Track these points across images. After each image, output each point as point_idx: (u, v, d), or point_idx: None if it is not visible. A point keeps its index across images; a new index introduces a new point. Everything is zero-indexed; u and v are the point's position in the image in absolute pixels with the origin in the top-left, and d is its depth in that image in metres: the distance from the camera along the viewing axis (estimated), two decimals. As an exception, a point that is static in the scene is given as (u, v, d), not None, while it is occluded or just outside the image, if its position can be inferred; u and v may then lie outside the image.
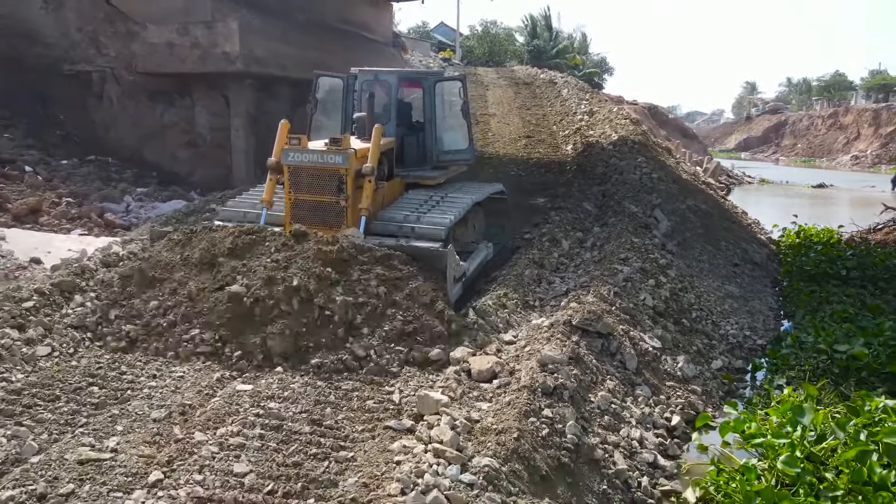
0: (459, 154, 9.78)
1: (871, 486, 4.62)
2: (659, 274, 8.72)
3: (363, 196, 7.69)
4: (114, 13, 13.00)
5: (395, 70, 10.02)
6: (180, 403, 5.15)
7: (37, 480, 4.06)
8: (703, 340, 7.92)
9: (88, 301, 6.70)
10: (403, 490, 3.92)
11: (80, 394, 5.24)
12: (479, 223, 9.58)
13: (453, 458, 4.30)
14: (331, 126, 9.49)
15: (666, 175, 14.54)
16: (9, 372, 5.40)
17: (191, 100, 13.48)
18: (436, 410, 4.98)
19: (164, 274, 6.71)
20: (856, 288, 10.55)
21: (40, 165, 10.95)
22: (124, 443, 4.55)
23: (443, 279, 6.99)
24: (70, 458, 4.30)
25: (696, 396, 6.59)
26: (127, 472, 4.21)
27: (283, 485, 4.17)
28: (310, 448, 4.60)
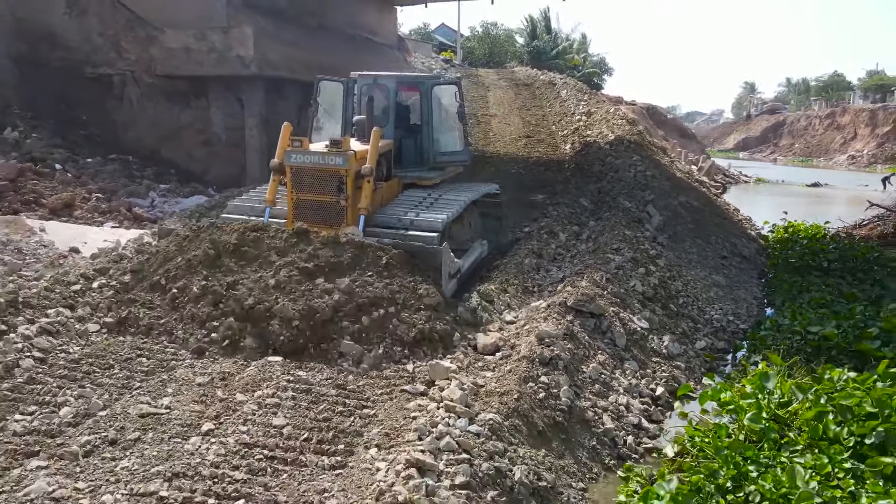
0: (455, 155, 10.08)
1: (826, 441, 5.29)
2: (649, 263, 9.40)
3: (362, 196, 7.97)
4: (134, 19, 13.67)
5: (394, 74, 10.41)
6: (220, 371, 5.83)
7: (107, 429, 4.75)
8: (689, 323, 8.61)
9: (105, 289, 7.12)
10: (420, 437, 4.60)
11: (131, 363, 5.92)
12: (474, 222, 9.83)
13: (462, 412, 4.99)
14: (331, 128, 9.76)
15: (660, 173, 15.21)
16: (66, 345, 6.08)
17: (206, 101, 14.14)
18: (446, 376, 5.68)
19: (171, 268, 7.06)
20: (836, 278, 11.20)
21: (69, 163, 11.63)
22: (176, 402, 5.24)
23: (438, 275, 7.29)
24: (132, 412, 5.00)
25: (679, 371, 7.27)
26: (182, 423, 4.90)
27: (317, 434, 4.86)
28: (336, 407, 5.29)
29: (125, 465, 4.29)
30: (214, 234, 7.36)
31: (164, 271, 7.11)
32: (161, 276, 7.09)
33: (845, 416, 5.46)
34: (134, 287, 7.10)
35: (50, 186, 10.50)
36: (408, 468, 4.14)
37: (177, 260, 7.19)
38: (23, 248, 8.20)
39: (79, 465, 4.32)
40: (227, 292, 6.63)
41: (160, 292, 6.97)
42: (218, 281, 6.78)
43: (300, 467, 4.46)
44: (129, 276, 7.23)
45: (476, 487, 4.27)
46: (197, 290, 6.70)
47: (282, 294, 6.53)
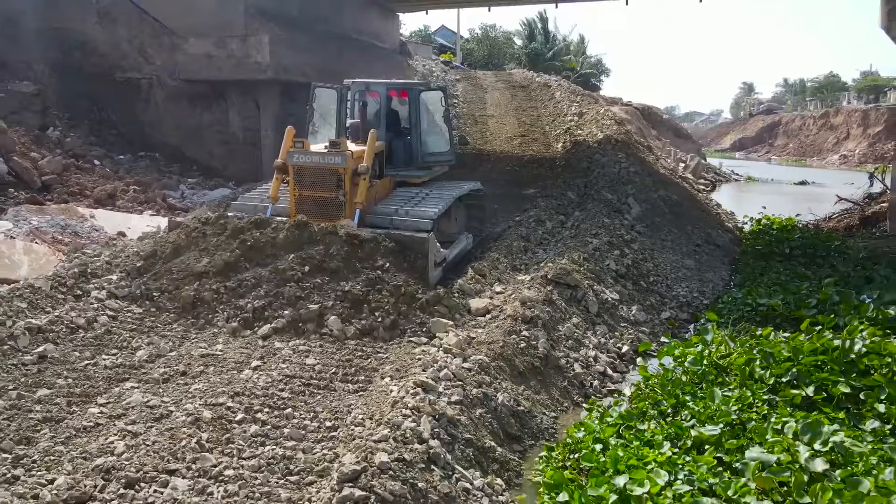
0: (442, 156, 10.70)
1: (752, 381, 6.55)
2: (623, 246, 10.67)
3: (358, 192, 8.63)
4: (159, 28, 14.91)
5: (384, 81, 10.93)
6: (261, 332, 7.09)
7: (177, 364, 6.03)
8: (656, 298, 9.87)
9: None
10: (424, 369, 5.86)
11: (184, 321, 7.18)
12: (460, 216, 10.53)
13: (458, 353, 6.26)
14: (326, 132, 10.33)
15: (643, 169, 16.45)
16: (130, 307, 7.35)
17: (225, 103, 15.37)
18: (445, 330, 6.95)
19: (179, 256, 7.89)
20: (795, 263, 12.47)
21: (105, 160, 12.88)
22: (227, 348, 6.51)
23: (425, 263, 8.01)
24: (194, 353, 6.28)
25: (644, 335, 8.54)
26: (235, 361, 6.17)
27: (342, 370, 6.14)
28: (356, 352, 6.57)
29: (197, 387, 5.56)
30: (223, 224, 8.13)
31: (182, 261, 7.85)
32: (170, 259, 7.93)
33: (768, 361, 6.73)
34: (152, 268, 7.92)
35: (91, 180, 11.75)
36: (415, 388, 5.40)
37: (185, 248, 7.99)
38: (78, 231, 9.47)
39: (161, 388, 5.59)
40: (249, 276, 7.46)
41: (171, 275, 7.75)
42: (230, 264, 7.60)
43: (331, 391, 5.74)
44: (143, 263, 8.05)
45: (467, 405, 5.53)
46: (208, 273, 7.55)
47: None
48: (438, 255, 8.52)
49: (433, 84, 11.22)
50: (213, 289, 7.42)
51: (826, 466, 4.85)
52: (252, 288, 7.44)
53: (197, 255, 7.90)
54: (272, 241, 7.86)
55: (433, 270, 8.20)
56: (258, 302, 7.21)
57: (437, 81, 27.01)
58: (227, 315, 7.15)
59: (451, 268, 9.31)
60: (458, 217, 10.39)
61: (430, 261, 8.09)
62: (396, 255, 7.93)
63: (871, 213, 16.89)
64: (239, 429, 4.92)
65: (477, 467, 4.99)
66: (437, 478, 4.46)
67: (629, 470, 4.76)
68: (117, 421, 4.95)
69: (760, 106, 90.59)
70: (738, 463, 5.05)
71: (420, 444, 4.62)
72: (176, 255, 8.06)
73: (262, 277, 7.50)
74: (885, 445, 5.24)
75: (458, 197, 10.06)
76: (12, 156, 10.97)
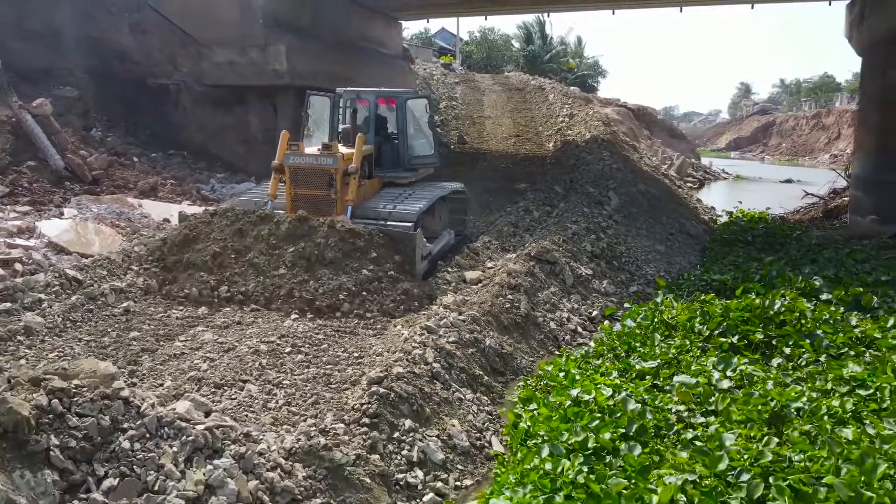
0: (427, 158, 11.45)
1: (694, 335, 8.14)
2: (600, 232, 12.27)
3: (349, 190, 9.39)
4: (186, 38, 16.49)
5: (373, 90, 11.65)
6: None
7: (233, 316, 7.62)
8: (626, 275, 11.47)
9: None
10: (428, 319, 7.45)
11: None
12: (443, 214, 11.27)
13: (454, 309, 7.86)
14: (319, 136, 10.96)
15: (625, 166, 18.05)
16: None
17: (246, 107, 16.94)
18: (445, 293, 8.55)
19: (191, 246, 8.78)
20: (754, 249, 14.07)
21: (142, 157, 14.48)
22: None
23: (412, 256, 8.79)
24: (246, 309, 7.87)
25: (612, 304, 10.13)
26: (277, 318, 7.77)
27: (363, 322, 7.73)
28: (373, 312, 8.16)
29: (252, 331, 7.17)
30: (231, 216, 9.00)
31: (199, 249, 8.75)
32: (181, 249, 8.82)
33: (705, 318, 8.33)
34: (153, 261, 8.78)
35: (133, 174, 13.34)
36: (421, 330, 6.99)
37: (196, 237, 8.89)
38: (131, 218, 11.05)
39: (224, 331, 7.19)
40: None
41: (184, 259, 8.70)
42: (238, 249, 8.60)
43: (355, 335, 7.35)
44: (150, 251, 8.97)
45: (462, 345, 7.12)
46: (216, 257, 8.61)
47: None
48: (424, 249, 9.27)
49: (420, 92, 12.25)
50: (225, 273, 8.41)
51: (731, 384, 6.45)
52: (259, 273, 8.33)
53: (205, 245, 8.76)
54: (275, 232, 8.72)
55: (420, 263, 8.98)
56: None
57: (437, 84, 28.62)
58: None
59: (435, 261, 10.04)
60: (441, 215, 11.12)
61: (418, 254, 8.88)
62: (387, 248, 8.81)
63: (833, 207, 18.49)
64: (288, 357, 6.52)
65: (468, 388, 6.59)
66: (438, 388, 6.07)
67: (582, 385, 6.37)
68: (197, 351, 6.55)
69: (755, 106, 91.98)
70: (667, 385, 6.65)
71: (425, 366, 6.22)
72: (187, 244, 8.88)
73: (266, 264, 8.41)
74: (781, 374, 6.85)
75: (442, 197, 10.85)
76: (66, 153, 12.56)
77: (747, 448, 5.01)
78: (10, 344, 6.29)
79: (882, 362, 6.79)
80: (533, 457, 5.19)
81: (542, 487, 4.64)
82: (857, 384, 6.42)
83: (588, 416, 5.68)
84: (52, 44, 15.47)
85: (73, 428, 4.00)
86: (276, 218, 8.89)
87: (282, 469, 4.40)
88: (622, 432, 5.46)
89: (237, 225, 8.95)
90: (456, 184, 11.84)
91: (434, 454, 5.28)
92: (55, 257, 8.68)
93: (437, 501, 4.89)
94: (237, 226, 8.94)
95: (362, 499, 4.57)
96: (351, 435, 5.02)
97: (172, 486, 3.95)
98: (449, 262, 9.99)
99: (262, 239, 8.74)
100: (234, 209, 9.37)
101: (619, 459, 5.04)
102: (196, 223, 9.15)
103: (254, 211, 9.21)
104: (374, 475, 4.77)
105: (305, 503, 4.31)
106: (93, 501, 3.76)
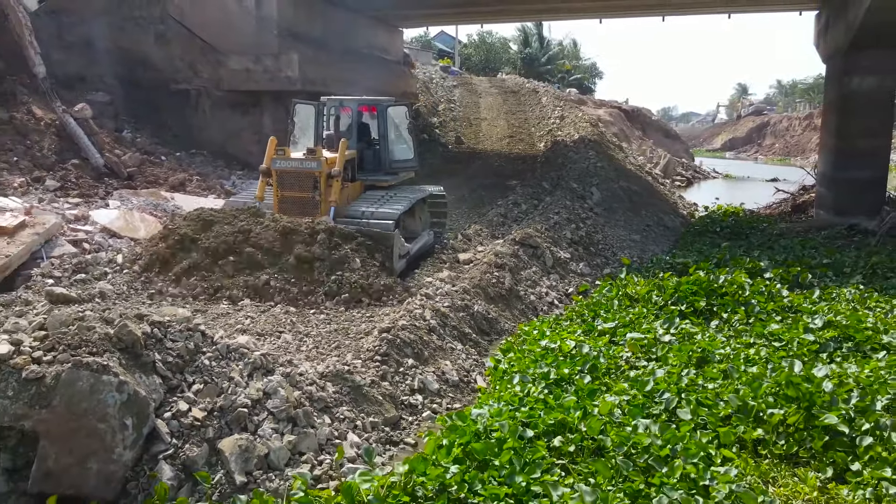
0: (407, 163, 11.94)
1: (651, 304, 9.67)
2: (580, 222, 13.82)
3: (332, 192, 9.86)
4: (206, 47, 18.02)
5: (356, 98, 12.19)
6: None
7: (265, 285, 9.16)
8: (602, 259, 13.02)
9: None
10: (427, 290, 8.98)
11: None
12: (423, 216, 11.70)
13: (448, 282, 9.40)
14: (305, 142, 11.42)
15: (609, 165, 19.61)
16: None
17: (260, 110, 18.45)
18: (440, 270, 10.09)
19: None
20: (721, 238, 15.62)
21: (169, 156, 16.02)
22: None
23: (390, 255, 9.27)
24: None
25: (587, 282, 11.66)
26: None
27: (368, 298, 9.26)
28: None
29: (277, 299, 8.69)
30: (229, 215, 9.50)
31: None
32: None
33: (661, 291, 9.87)
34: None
35: (162, 171, 14.86)
36: (421, 297, 8.53)
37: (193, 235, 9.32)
38: (166, 209, 12.57)
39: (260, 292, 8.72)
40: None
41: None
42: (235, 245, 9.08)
43: (364, 305, 8.88)
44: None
45: (454, 309, 8.64)
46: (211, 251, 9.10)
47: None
48: (403, 248, 9.78)
49: (398, 100, 12.52)
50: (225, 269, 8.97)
51: (671, 338, 7.98)
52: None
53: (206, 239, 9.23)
54: (265, 231, 9.16)
55: (398, 261, 9.53)
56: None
57: (436, 87, 30.18)
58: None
59: (413, 260, 10.65)
60: (421, 217, 11.57)
61: (395, 253, 9.39)
62: (368, 248, 9.30)
63: (801, 202, 20.04)
64: (313, 317, 8.06)
65: (459, 341, 8.12)
66: (434, 338, 7.61)
67: (550, 338, 7.91)
68: (239, 312, 8.08)
69: (749, 107, 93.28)
70: (621, 341, 8.18)
71: (424, 322, 7.75)
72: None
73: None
74: (715, 332, 8.37)
75: (422, 199, 11.39)
76: (104, 152, 14.10)
77: (670, 378, 6.56)
78: (91, 305, 7.82)
79: (796, 322, 8.35)
80: (506, 384, 6.74)
81: (512, 402, 6.17)
82: (774, 338, 7.97)
83: (552, 358, 7.22)
84: (85, 53, 17.01)
85: (169, 349, 5.52)
86: (265, 219, 9.27)
87: (317, 385, 5.94)
88: (578, 370, 6.99)
89: (230, 224, 9.28)
90: (435, 187, 12.39)
91: (430, 384, 6.82)
92: (110, 240, 10.21)
93: (432, 417, 6.42)
94: (230, 225, 9.26)
95: (376, 410, 6.10)
96: (367, 368, 6.55)
97: (241, 391, 5.47)
98: (427, 263, 10.61)
99: (256, 237, 9.10)
100: (219, 209, 9.80)
101: (573, 387, 6.57)
102: (192, 221, 9.49)
103: (253, 209, 9.69)
104: (385, 395, 6.31)
105: (334, 409, 5.84)
106: (187, 398, 5.28)
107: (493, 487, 4.59)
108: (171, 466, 4.81)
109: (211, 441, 5.04)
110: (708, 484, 4.72)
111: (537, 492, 4.65)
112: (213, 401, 5.36)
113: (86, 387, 4.72)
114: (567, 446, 5.26)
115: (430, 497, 4.66)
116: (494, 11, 23.36)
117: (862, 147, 16.40)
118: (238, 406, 5.32)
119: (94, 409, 4.69)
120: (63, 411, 4.65)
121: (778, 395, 5.94)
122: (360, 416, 5.91)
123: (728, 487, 4.61)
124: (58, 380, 4.70)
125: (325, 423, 5.60)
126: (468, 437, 5.18)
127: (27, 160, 12.90)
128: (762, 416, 5.76)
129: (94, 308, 6.24)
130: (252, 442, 5.13)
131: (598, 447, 5.28)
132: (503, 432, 5.24)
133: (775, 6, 22.08)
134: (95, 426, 4.66)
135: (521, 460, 4.91)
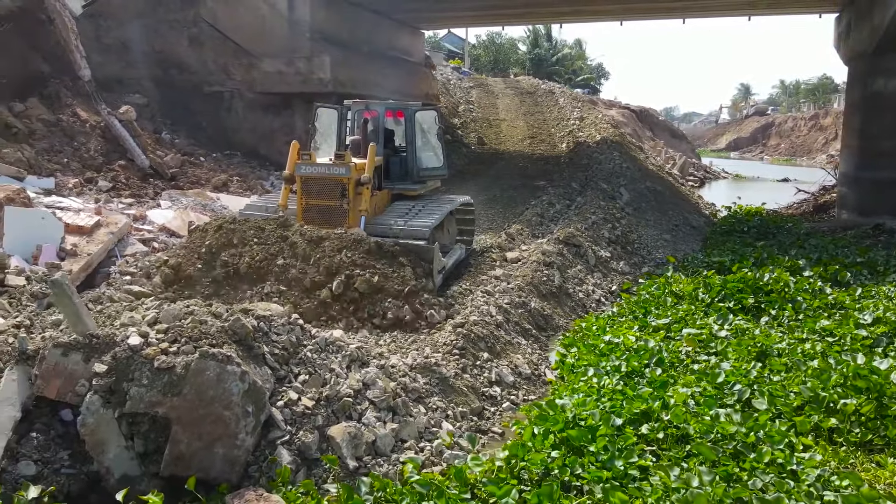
0: (435, 171, 11.21)
1: (697, 302, 9.96)
2: (615, 222, 14.13)
3: (362, 200, 9.22)
4: (239, 50, 18.34)
5: (382, 102, 11.61)
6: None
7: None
8: (639, 258, 13.32)
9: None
10: (486, 287, 9.28)
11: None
12: (451, 228, 11.10)
13: (503, 279, 9.71)
14: (327, 148, 10.84)
15: (633, 165, 19.93)
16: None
17: (292, 112, 18.77)
18: (493, 269, 10.40)
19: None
20: (750, 238, 15.92)
21: (207, 157, 16.33)
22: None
23: (429, 269, 8.62)
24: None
25: (628, 280, 11.97)
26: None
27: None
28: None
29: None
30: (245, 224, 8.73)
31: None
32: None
33: (707, 288, 10.17)
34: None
35: (203, 172, 15.18)
36: (483, 294, 8.83)
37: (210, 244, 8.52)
38: (213, 209, 12.88)
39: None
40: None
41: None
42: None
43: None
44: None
45: (513, 306, 8.95)
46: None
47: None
48: (440, 262, 9.23)
49: (426, 105, 11.89)
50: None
51: (727, 333, 8.28)
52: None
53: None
54: (293, 242, 8.50)
55: (436, 277, 8.94)
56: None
57: (454, 89, 30.50)
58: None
59: (448, 276, 9.97)
60: (449, 229, 10.98)
61: (435, 268, 8.84)
62: (406, 262, 8.53)
63: (822, 202, 20.35)
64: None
65: (522, 336, 8.43)
66: (502, 333, 7.92)
67: (612, 333, 8.22)
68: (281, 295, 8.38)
69: (752, 108, 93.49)
70: (677, 336, 8.48)
71: (490, 318, 8.06)
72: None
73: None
74: (767, 328, 8.68)
75: (450, 211, 10.67)
76: (148, 153, 14.40)
77: (738, 371, 6.86)
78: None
79: (846, 318, 8.64)
80: (579, 377, 7.04)
81: (591, 393, 6.48)
82: (826, 334, 8.27)
83: (619, 352, 7.53)
84: (123, 57, 17.33)
85: (274, 342, 5.83)
86: (294, 227, 8.66)
87: (409, 376, 6.24)
88: (645, 363, 7.29)
89: (252, 232, 8.64)
90: (463, 197, 11.77)
91: (506, 377, 7.13)
92: (170, 238, 10.52)
93: (512, 408, 6.73)
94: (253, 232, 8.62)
95: (462, 400, 6.41)
96: (447, 360, 6.86)
97: (343, 382, 5.78)
98: (460, 279, 10.02)
99: (291, 247, 8.47)
100: (234, 217, 9.22)
101: (645, 380, 6.87)
102: (210, 231, 8.82)
103: (280, 218, 8.94)
104: (468, 387, 6.62)
105: (427, 399, 6.15)
106: (295, 388, 5.59)
107: (594, 471, 4.88)
108: (289, 451, 5.11)
109: (320, 428, 5.34)
110: (795, 468, 5.02)
111: (634, 475, 4.95)
112: (319, 391, 5.66)
113: (213, 376, 5.02)
114: (654, 433, 5.55)
115: (537, 479, 4.96)
116: (518, 14, 23.68)
117: (886, 148, 16.70)
118: (343, 396, 5.62)
119: (220, 397, 4.99)
120: (193, 399, 4.95)
121: (846, 387, 6.24)
122: (450, 406, 6.22)
123: (816, 472, 4.91)
124: (187, 369, 5.00)
125: (421, 413, 5.90)
126: (560, 426, 5.48)
127: (76, 161, 13.22)
128: (833, 406, 6.06)
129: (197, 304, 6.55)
130: (359, 429, 5.44)
131: (682, 435, 5.58)
132: (594, 420, 5.54)
133: (796, 8, 22.38)
134: (221, 413, 4.96)
135: (615, 446, 5.22)
